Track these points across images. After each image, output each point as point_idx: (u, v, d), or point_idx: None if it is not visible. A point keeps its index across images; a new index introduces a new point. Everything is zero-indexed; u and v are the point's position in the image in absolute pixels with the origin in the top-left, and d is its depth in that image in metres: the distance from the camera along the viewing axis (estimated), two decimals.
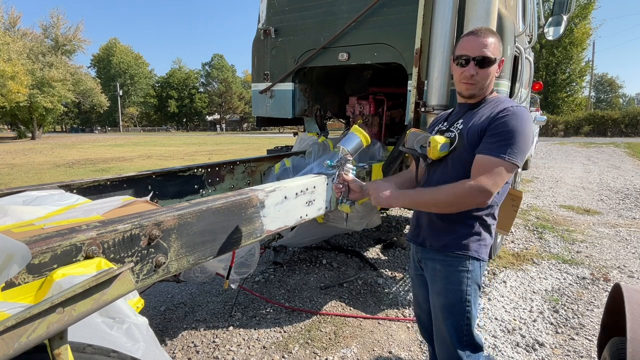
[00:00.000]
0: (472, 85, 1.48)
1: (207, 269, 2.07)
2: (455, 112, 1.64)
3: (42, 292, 0.95)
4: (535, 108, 10.50)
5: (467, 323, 1.51)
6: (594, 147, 16.38)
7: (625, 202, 6.39)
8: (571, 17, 14.83)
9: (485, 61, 1.43)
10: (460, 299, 1.50)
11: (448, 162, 1.50)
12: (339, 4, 3.22)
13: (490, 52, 1.43)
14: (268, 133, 36.59)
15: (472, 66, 1.44)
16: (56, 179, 8.73)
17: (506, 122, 1.36)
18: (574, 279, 3.46)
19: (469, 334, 1.52)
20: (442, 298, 1.54)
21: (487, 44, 1.43)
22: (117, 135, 43.33)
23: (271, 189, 1.77)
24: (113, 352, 0.89)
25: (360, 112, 3.90)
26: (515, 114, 1.37)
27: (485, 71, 1.45)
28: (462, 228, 1.49)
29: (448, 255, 1.51)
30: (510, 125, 1.35)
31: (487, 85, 1.49)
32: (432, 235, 1.55)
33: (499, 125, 1.37)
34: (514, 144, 1.34)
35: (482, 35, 1.45)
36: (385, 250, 4.10)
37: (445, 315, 1.54)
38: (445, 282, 1.53)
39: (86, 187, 2.14)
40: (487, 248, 1.53)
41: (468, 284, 1.49)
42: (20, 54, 29.04)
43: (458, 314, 1.51)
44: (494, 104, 1.47)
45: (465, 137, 1.46)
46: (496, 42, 1.45)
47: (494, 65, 1.46)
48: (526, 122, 1.37)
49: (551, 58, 30.24)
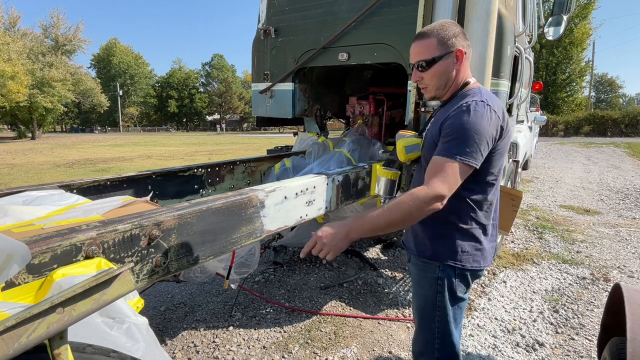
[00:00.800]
0: (425, 89, 1.46)
1: (207, 269, 2.07)
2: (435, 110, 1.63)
3: (42, 292, 0.95)
4: (535, 108, 10.49)
5: (438, 328, 1.47)
6: (594, 147, 16.38)
7: (625, 202, 6.39)
8: (571, 17, 14.84)
9: (425, 64, 1.39)
10: (429, 303, 1.47)
11: (420, 163, 1.50)
12: (339, 4, 3.22)
13: (427, 54, 1.38)
14: (268, 133, 36.59)
15: (415, 72, 1.43)
16: (56, 179, 8.73)
17: (456, 119, 1.29)
18: (574, 279, 3.46)
19: (441, 340, 1.48)
20: (415, 300, 1.55)
21: (422, 48, 1.39)
22: (117, 135, 43.32)
23: (271, 189, 1.77)
24: (113, 352, 0.89)
25: (360, 112, 3.90)
26: (467, 109, 1.29)
27: (429, 73, 1.40)
28: (433, 234, 1.45)
29: (420, 260, 1.50)
30: (461, 122, 1.28)
31: (445, 83, 1.42)
32: (411, 240, 1.55)
33: (450, 123, 1.31)
34: (464, 141, 1.26)
35: (418, 38, 1.41)
36: (385, 250, 4.10)
37: (417, 316, 1.55)
38: (416, 285, 1.53)
39: (86, 187, 2.14)
40: (468, 255, 1.42)
41: (438, 290, 1.44)
42: (20, 54, 29.03)
43: (428, 318, 1.49)
44: (460, 99, 1.38)
45: (426, 137, 1.45)
46: (436, 40, 1.37)
47: (439, 63, 1.38)
48: (479, 115, 1.27)
49: (551, 58, 30.23)
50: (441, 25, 1.40)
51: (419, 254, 1.49)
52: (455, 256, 1.41)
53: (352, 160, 3.04)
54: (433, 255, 1.45)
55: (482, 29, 2.36)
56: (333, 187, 2.20)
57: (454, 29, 1.39)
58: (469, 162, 1.27)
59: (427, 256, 1.46)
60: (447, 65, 1.39)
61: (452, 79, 1.42)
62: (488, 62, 2.40)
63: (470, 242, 1.42)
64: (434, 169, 1.30)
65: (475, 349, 2.44)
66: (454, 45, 1.38)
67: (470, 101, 1.31)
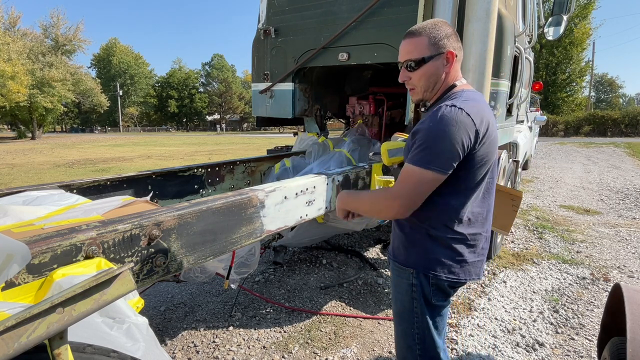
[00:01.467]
0: (413, 90, 1.40)
1: (207, 269, 2.07)
2: None
3: (42, 292, 0.95)
4: (535, 108, 10.50)
5: (417, 334, 1.44)
6: (594, 147, 16.38)
7: (625, 202, 6.39)
8: (571, 17, 14.84)
9: (414, 63, 1.33)
10: (406, 309, 1.45)
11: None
12: (339, 4, 3.22)
13: (417, 53, 1.32)
14: (268, 133, 36.59)
15: (403, 72, 1.37)
16: (56, 179, 8.73)
17: (424, 125, 1.26)
18: (574, 279, 3.46)
19: (422, 346, 1.45)
20: (393, 305, 1.53)
21: (412, 47, 1.33)
22: (117, 135, 43.33)
23: (271, 189, 1.77)
24: (113, 352, 0.89)
25: (360, 112, 3.90)
26: (436, 115, 1.24)
27: (417, 73, 1.34)
28: (407, 240, 1.42)
29: (395, 265, 1.48)
30: (428, 128, 1.24)
31: (433, 85, 1.36)
32: (392, 243, 1.54)
33: (419, 129, 1.27)
34: (430, 148, 1.22)
35: (407, 36, 1.35)
36: (385, 250, 4.10)
37: (396, 321, 1.53)
38: (394, 290, 1.51)
39: (86, 187, 2.14)
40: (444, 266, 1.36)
41: (413, 297, 1.41)
42: (20, 54, 29.03)
43: (406, 322, 1.46)
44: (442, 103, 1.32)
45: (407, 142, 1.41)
46: (427, 39, 1.31)
47: (428, 64, 1.32)
48: (447, 121, 1.21)
49: (551, 58, 30.23)
50: (433, 24, 1.34)
51: (394, 258, 1.49)
52: (428, 264, 1.37)
53: (352, 160, 3.04)
54: (406, 261, 1.42)
55: (482, 29, 2.36)
56: (333, 187, 2.20)
57: (446, 29, 1.34)
58: (435, 170, 1.22)
59: (401, 261, 1.44)
60: (436, 67, 1.33)
61: (441, 81, 1.36)
62: (488, 62, 2.40)
63: (446, 252, 1.36)
64: (401, 176, 1.30)
65: (475, 349, 2.44)
66: (445, 47, 1.32)
67: (443, 106, 1.26)
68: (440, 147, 1.22)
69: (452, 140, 1.21)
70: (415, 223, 1.38)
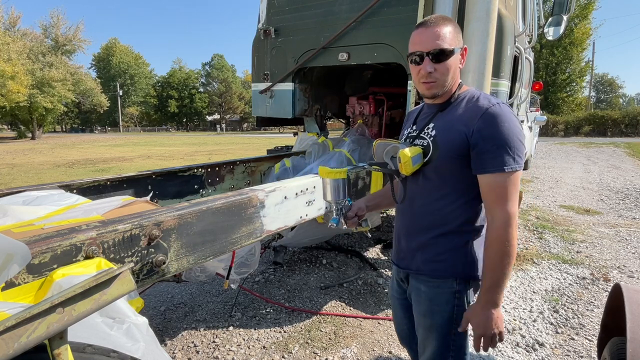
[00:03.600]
0: (433, 84, 1.28)
1: (207, 269, 2.07)
2: (423, 112, 1.44)
3: (42, 292, 0.95)
4: (535, 108, 10.49)
5: (454, 342, 1.39)
6: (594, 147, 16.37)
7: (625, 202, 6.39)
8: (571, 17, 14.83)
9: (442, 54, 1.23)
10: (448, 319, 1.36)
11: (424, 174, 1.34)
12: (339, 4, 3.22)
13: (447, 43, 1.23)
14: (268, 133, 36.59)
15: (428, 62, 1.25)
16: (56, 179, 8.73)
17: (499, 129, 1.20)
18: (574, 279, 3.46)
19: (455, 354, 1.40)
20: (428, 319, 1.40)
21: (440, 33, 1.23)
22: (117, 135, 43.32)
23: (271, 189, 1.77)
24: (113, 352, 0.89)
25: (360, 112, 3.90)
26: (502, 116, 1.21)
27: (443, 65, 1.25)
28: (446, 249, 1.34)
29: (432, 276, 1.37)
30: (505, 131, 1.20)
31: (451, 81, 1.30)
32: (415, 257, 1.40)
33: (491, 134, 1.21)
34: (515, 150, 1.20)
35: (433, 24, 1.25)
36: (385, 250, 4.10)
37: (432, 336, 1.40)
38: (429, 303, 1.39)
39: (86, 187, 2.14)
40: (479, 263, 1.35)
41: (456, 305, 1.35)
42: (20, 54, 29.03)
43: (446, 335, 1.38)
44: (467, 102, 1.29)
45: (442, 146, 1.29)
46: (452, 30, 1.25)
47: (454, 57, 1.26)
48: (513, 119, 1.23)
49: (551, 58, 30.23)
50: (448, 17, 1.30)
51: (430, 273, 1.37)
52: (470, 269, 1.34)
53: (352, 160, 3.04)
54: (451, 270, 1.34)
55: (482, 29, 2.36)
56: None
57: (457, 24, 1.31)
58: (521, 166, 1.22)
59: (443, 272, 1.35)
60: (456, 61, 1.28)
61: (456, 77, 1.31)
62: (488, 62, 2.40)
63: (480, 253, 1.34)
64: (498, 189, 1.21)
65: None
66: (462, 41, 1.29)
67: (495, 105, 1.24)
68: (522, 140, 1.23)
69: (521, 131, 1.24)
70: (457, 228, 1.33)
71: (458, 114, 1.29)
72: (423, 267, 1.38)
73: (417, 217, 1.40)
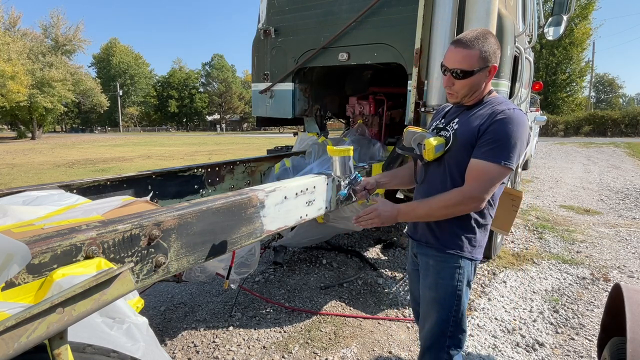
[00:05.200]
0: (452, 95, 1.48)
1: (207, 269, 2.07)
2: (452, 109, 1.62)
3: (42, 292, 0.95)
4: (535, 108, 10.49)
5: (454, 317, 1.54)
6: (594, 147, 16.37)
7: (625, 202, 6.39)
8: (571, 17, 14.84)
9: (462, 73, 1.40)
10: (451, 293, 1.53)
11: (443, 161, 1.51)
12: (339, 4, 3.22)
13: (467, 65, 1.39)
14: (268, 133, 36.58)
15: (449, 77, 1.44)
16: (56, 179, 8.73)
17: (502, 127, 1.36)
18: (574, 279, 3.46)
19: (454, 328, 1.55)
20: (433, 292, 1.57)
21: (462, 57, 1.39)
22: (117, 135, 43.32)
23: (271, 189, 1.77)
24: (113, 352, 0.89)
25: (360, 112, 3.90)
26: (511, 118, 1.36)
27: (461, 82, 1.42)
28: (455, 227, 1.51)
29: (441, 252, 1.54)
30: (507, 130, 1.35)
31: (473, 93, 1.46)
32: (427, 232, 1.58)
33: (495, 129, 1.37)
34: (509, 148, 1.35)
35: (462, 46, 1.40)
36: (385, 250, 4.10)
37: (434, 309, 1.57)
38: (436, 276, 1.56)
39: (86, 187, 2.14)
40: (480, 248, 1.56)
41: (459, 280, 1.52)
42: (20, 54, 29.02)
43: (447, 308, 1.54)
44: (490, 105, 1.45)
45: (460, 138, 1.46)
46: (479, 53, 1.38)
47: (474, 77, 1.41)
48: (522, 126, 1.37)
49: (551, 58, 30.22)
50: (484, 37, 1.40)
51: (438, 247, 1.54)
52: (472, 248, 1.52)
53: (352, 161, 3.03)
54: (457, 247, 1.51)
55: None
56: (333, 187, 2.20)
57: (495, 44, 1.41)
58: (511, 166, 1.36)
59: (450, 247, 1.51)
60: (480, 78, 1.43)
61: (480, 90, 1.46)
62: None
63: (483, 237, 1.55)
64: (476, 172, 1.39)
65: (475, 349, 2.44)
66: (491, 61, 1.41)
67: (512, 109, 1.38)
68: (518, 147, 1.36)
69: (525, 141, 1.38)
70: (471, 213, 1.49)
71: (480, 113, 1.45)
72: (433, 241, 1.56)
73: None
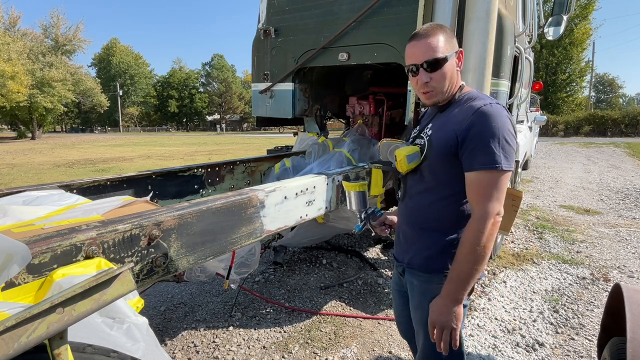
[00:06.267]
0: (431, 93, 1.32)
1: (207, 269, 2.07)
2: (425, 114, 1.51)
3: (42, 292, 0.95)
4: (535, 108, 10.49)
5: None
6: (594, 147, 16.37)
7: (625, 202, 6.39)
8: (571, 17, 14.85)
9: (436, 63, 1.27)
10: None
11: (421, 172, 1.38)
12: (339, 4, 3.22)
13: (440, 52, 1.26)
14: (268, 133, 36.58)
15: (423, 73, 1.29)
16: (56, 179, 8.73)
17: (484, 128, 1.21)
18: (574, 279, 3.46)
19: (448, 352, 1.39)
20: (419, 313, 1.44)
21: (431, 44, 1.27)
22: (117, 135, 43.31)
23: (271, 189, 1.77)
24: (113, 352, 0.89)
25: (360, 112, 3.90)
26: (489, 115, 1.22)
27: (439, 73, 1.28)
28: (438, 244, 1.37)
29: (424, 271, 1.41)
30: (490, 130, 1.20)
31: (450, 86, 1.33)
32: (409, 251, 1.46)
33: (477, 133, 1.21)
34: (501, 148, 1.20)
35: (423, 36, 1.29)
36: (385, 250, 4.10)
37: (422, 331, 1.44)
38: (421, 297, 1.43)
39: (86, 187, 2.14)
40: None
41: None
42: (20, 54, 29.04)
43: None
44: (464, 104, 1.31)
45: (435, 144, 1.32)
46: (443, 38, 1.28)
47: (448, 63, 1.29)
48: (503, 118, 1.22)
49: (551, 58, 30.20)
50: (439, 25, 1.33)
51: (421, 267, 1.41)
52: None
53: (352, 160, 3.04)
54: (440, 266, 1.37)
55: (482, 29, 2.36)
56: (333, 187, 2.20)
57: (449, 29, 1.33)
58: (511, 166, 1.21)
59: (433, 267, 1.38)
60: (453, 66, 1.31)
61: (454, 80, 1.34)
62: (488, 62, 2.40)
63: None
64: (480, 187, 1.22)
65: (475, 349, 2.44)
66: (456, 45, 1.32)
67: (486, 105, 1.24)
68: (511, 141, 1.22)
69: (511, 132, 1.23)
70: (450, 228, 1.35)
71: (453, 114, 1.32)
72: (415, 262, 1.43)
73: (414, 213, 1.45)
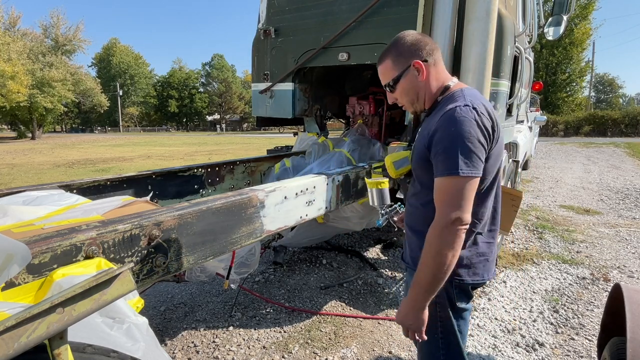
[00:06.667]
0: (404, 106, 1.45)
1: (207, 268, 2.07)
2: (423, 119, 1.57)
3: (42, 292, 0.95)
4: (535, 108, 10.50)
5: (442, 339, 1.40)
6: (594, 147, 16.37)
7: (625, 202, 6.39)
8: (571, 17, 14.85)
9: (392, 84, 1.38)
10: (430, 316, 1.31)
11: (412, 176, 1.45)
12: (339, 4, 3.22)
13: (389, 75, 1.37)
14: (268, 133, 36.58)
15: (389, 94, 1.43)
16: (56, 179, 8.73)
17: (445, 132, 1.20)
18: (574, 279, 3.46)
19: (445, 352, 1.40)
20: None
21: (382, 70, 1.40)
22: (117, 135, 43.31)
23: (271, 189, 1.77)
24: (113, 352, 0.89)
25: (360, 112, 3.90)
26: (452, 118, 1.20)
27: (398, 92, 1.39)
28: None
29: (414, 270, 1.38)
30: (450, 133, 1.19)
31: (418, 96, 1.38)
32: (406, 250, 1.50)
33: (439, 138, 1.21)
34: (460, 153, 1.17)
35: (379, 62, 1.41)
36: (385, 250, 4.10)
37: None
38: None
39: (86, 187, 2.14)
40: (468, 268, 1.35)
41: (437, 302, 1.34)
42: (21, 54, 29.04)
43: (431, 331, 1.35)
44: (441, 106, 1.31)
45: (416, 149, 1.37)
46: (391, 60, 1.36)
47: (404, 79, 1.35)
48: (467, 122, 1.18)
49: (551, 58, 30.20)
50: (394, 42, 1.37)
51: (413, 264, 1.40)
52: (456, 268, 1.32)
53: (352, 160, 3.04)
54: None
55: (482, 29, 2.36)
56: (333, 187, 2.20)
57: (407, 40, 1.34)
58: (472, 173, 1.18)
59: None
60: (410, 81, 1.35)
61: (422, 90, 1.37)
62: (488, 62, 2.40)
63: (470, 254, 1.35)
64: (441, 194, 1.22)
65: (475, 349, 2.44)
66: (408, 59, 1.33)
67: (454, 107, 1.22)
68: (471, 149, 1.18)
69: (479, 139, 1.19)
70: None
71: (431, 118, 1.35)
72: (409, 261, 1.47)
73: (408, 215, 1.50)
